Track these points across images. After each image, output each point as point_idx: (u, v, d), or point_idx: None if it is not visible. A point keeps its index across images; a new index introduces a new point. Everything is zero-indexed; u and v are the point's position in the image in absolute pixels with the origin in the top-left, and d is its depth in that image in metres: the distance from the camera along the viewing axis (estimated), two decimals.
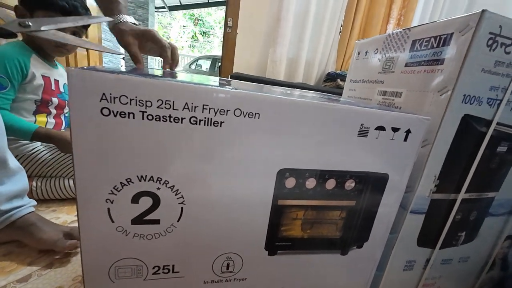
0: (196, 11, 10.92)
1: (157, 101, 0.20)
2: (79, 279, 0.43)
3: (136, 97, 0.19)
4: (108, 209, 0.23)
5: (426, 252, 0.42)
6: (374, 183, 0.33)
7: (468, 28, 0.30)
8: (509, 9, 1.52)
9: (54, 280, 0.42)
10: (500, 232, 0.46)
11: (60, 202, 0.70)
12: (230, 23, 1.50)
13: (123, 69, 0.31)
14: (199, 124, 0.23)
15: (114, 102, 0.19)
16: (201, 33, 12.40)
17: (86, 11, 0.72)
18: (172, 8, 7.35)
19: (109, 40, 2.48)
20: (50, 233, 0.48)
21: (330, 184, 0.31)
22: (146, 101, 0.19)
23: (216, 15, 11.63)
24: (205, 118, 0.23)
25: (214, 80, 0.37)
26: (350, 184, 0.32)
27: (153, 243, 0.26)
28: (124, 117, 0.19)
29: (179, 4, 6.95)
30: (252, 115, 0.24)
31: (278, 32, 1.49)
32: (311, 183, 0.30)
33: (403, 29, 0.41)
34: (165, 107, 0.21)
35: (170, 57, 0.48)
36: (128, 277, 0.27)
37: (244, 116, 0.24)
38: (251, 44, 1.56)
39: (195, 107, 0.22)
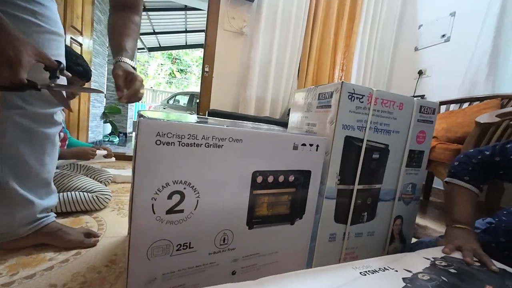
0: (174, 51, 11.58)
1: (187, 135, 0.39)
2: (92, 268, 0.56)
3: (176, 133, 0.38)
4: (152, 204, 0.39)
5: (342, 227, 0.63)
6: (303, 176, 0.54)
7: (338, 90, 0.57)
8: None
9: (72, 269, 0.54)
10: (391, 213, 0.69)
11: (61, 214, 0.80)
12: (207, 69, 1.80)
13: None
14: (209, 147, 0.41)
15: (163, 136, 0.38)
16: (178, 71, 13.00)
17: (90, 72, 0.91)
18: (151, 49, 7.83)
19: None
20: (75, 235, 0.61)
21: (281, 178, 0.51)
22: (181, 135, 0.38)
23: (193, 55, 12.40)
24: (213, 143, 0.42)
25: (214, 120, 0.58)
26: (291, 178, 0.52)
27: (178, 227, 0.41)
28: (168, 145, 0.38)
29: (158, 46, 7.46)
30: (238, 140, 0.44)
31: (248, 77, 1.81)
32: (270, 178, 0.50)
33: (315, 86, 0.67)
34: (191, 138, 0.40)
35: (134, 89, 0.56)
36: (159, 255, 0.41)
37: (234, 141, 0.44)
38: (225, 86, 1.85)
39: (207, 137, 0.41)
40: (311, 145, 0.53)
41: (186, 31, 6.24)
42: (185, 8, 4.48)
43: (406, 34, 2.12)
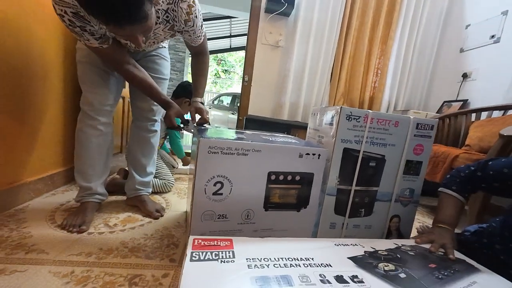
0: (219, 54, 12.34)
1: (226, 147, 0.64)
2: (165, 227, 0.86)
3: (219, 146, 0.63)
4: (205, 188, 0.66)
5: (341, 219, 0.80)
6: (308, 177, 0.74)
7: (337, 112, 0.74)
8: None
9: (154, 227, 0.86)
10: (387, 211, 0.83)
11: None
12: (246, 79, 2.06)
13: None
14: (239, 155, 0.65)
15: (212, 148, 0.63)
16: (223, 71, 13.81)
17: None
18: None
19: None
20: (150, 207, 0.95)
21: (289, 177, 0.72)
22: (222, 147, 0.63)
23: (236, 55, 13.01)
24: (241, 152, 0.65)
25: (246, 133, 0.83)
26: (297, 177, 0.73)
27: (219, 203, 0.66)
28: (215, 153, 0.63)
29: None
30: (258, 151, 0.67)
31: (283, 85, 2.01)
32: (281, 177, 0.71)
33: (324, 107, 0.85)
34: (228, 149, 0.64)
35: (202, 117, 0.93)
36: (207, 220, 0.67)
37: (255, 151, 0.67)
38: (262, 93, 2.09)
39: (238, 148, 0.65)
40: (313, 154, 0.73)
41: (230, 36, 6.70)
42: (230, 16, 4.87)
43: (452, 35, 2.02)
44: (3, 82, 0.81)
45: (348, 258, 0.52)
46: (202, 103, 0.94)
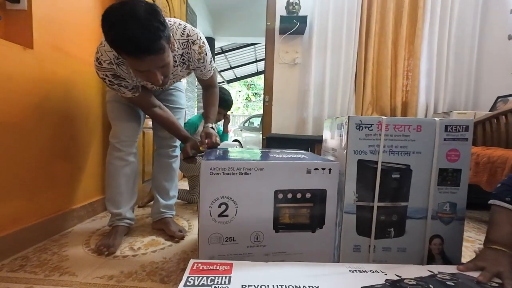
0: (248, 79, 12.98)
1: (227, 168, 0.64)
2: (184, 251, 0.87)
3: (220, 167, 0.64)
4: (210, 210, 0.66)
5: (367, 240, 0.71)
6: (319, 194, 0.69)
7: (346, 122, 0.69)
8: None
9: (173, 250, 0.88)
10: (424, 231, 0.70)
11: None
12: (267, 99, 2.10)
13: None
14: (242, 175, 0.65)
15: (214, 169, 0.64)
16: (253, 94, 14.36)
17: None
18: (229, 81, 9.18)
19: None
20: (174, 229, 0.99)
21: (299, 195, 0.68)
22: (223, 168, 0.64)
23: None
24: (244, 172, 0.65)
25: (247, 152, 0.83)
26: (308, 195, 0.68)
27: (225, 225, 0.65)
28: (216, 174, 0.64)
29: (235, 77, 8.68)
30: (261, 169, 0.66)
31: (304, 100, 1.99)
32: (290, 195, 0.68)
33: (335, 118, 0.80)
34: (230, 169, 0.64)
35: (212, 141, 0.94)
36: (215, 242, 0.66)
37: (258, 170, 0.66)
38: (283, 111, 2.09)
39: (240, 168, 0.64)
40: (323, 169, 0.68)
41: (256, 61, 7.03)
42: (253, 43, 5.16)
43: (495, 22, 1.78)
44: (55, 128, 0.98)
45: (362, 287, 0.45)
46: (213, 128, 0.99)
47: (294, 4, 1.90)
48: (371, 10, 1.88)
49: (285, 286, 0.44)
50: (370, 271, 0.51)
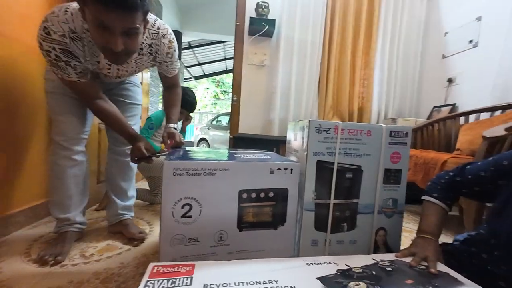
0: (217, 76, 12.76)
1: (191, 168, 0.63)
2: (144, 254, 0.83)
3: (183, 167, 0.63)
4: (172, 212, 0.64)
5: (323, 235, 0.77)
6: (281, 193, 0.72)
7: (307, 126, 0.74)
8: None
9: (132, 254, 0.83)
10: (371, 224, 0.79)
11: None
12: (235, 98, 2.10)
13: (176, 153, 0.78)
14: (206, 175, 0.65)
15: (177, 170, 0.63)
16: (222, 92, 14.18)
17: None
18: (197, 78, 8.91)
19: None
20: (134, 231, 0.94)
21: (262, 194, 0.71)
22: (187, 168, 0.63)
23: None
24: (208, 172, 0.65)
25: (213, 152, 0.83)
26: (271, 194, 0.71)
27: (189, 226, 0.64)
28: (180, 175, 0.62)
29: (203, 74, 8.46)
30: (226, 169, 0.66)
31: (270, 102, 2.05)
32: (253, 195, 0.70)
33: (297, 121, 0.85)
34: (194, 170, 0.64)
35: (176, 141, 0.91)
36: (177, 244, 0.64)
37: (223, 170, 0.66)
38: (251, 111, 2.12)
39: (204, 168, 0.64)
40: (285, 169, 0.71)
41: (225, 59, 6.97)
42: (222, 41, 5.10)
43: (433, 42, 2.07)
44: None
45: (316, 278, 0.49)
46: (175, 128, 0.95)
47: (263, 7, 1.94)
48: (333, 21, 2.02)
49: (246, 282, 0.46)
50: (324, 263, 0.56)
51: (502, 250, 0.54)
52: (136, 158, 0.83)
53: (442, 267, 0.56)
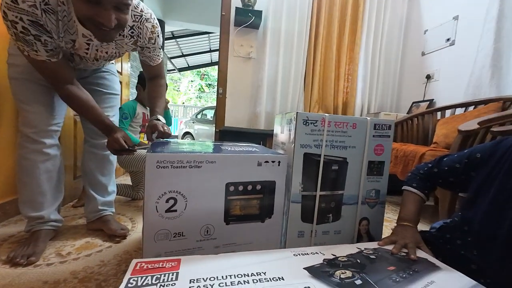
0: (202, 69, 12.45)
1: (176, 161, 0.61)
2: (126, 251, 0.80)
3: (168, 160, 0.60)
4: (156, 206, 0.62)
5: (309, 226, 0.78)
6: (269, 185, 0.72)
7: (294, 118, 0.73)
8: None
9: (113, 252, 0.79)
10: (355, 214, 0.81)
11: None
12: (220, 91, 2.06)
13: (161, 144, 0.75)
14: (192, 168, 0.63)
15: (161, 162, 0.60)
16: (207, 85, 13.88)
17: None
18: (181, 70, 8.63)
19: None
20: (115, 227, 0.90)
21: (249, 187, 0.70)
22: (171, 161, 0.60)
23: None
24: (194, 165, 0.63)
25: (199, 144, 0.80)
26: (258, 186, 0.70)
27: (174, 221, 0.62)
28: (164, 168, 0.60)
29: (187, 66, 8.20)
30: (212, 162, 0.65)
31: (257, 95, 2.03)
32: (240, 187, 0.69)
33: (284, 114, 0.84)
34: (179, 162, 0.61)
35: (160, 131, 0.84)
36: (162, 239, 0.62)
37: (210, 163, 0.64)
38: (237, 104, 2.09)
39: (190, 161, 0.62)
40: (273, 161, 0.71)
41: (210, 51, 6.80)
42: (207, 32, 4.96)
43: (413, 40, 2.14)
44: None
45: (304, 268, 0.49)
46: (159, 119, 0.88)
47: None
48: (320, 15, 2.03)
49: (234, 275, 0.45)
50: (311, 253, 0.56)
51: (474, 236, 0.57)
52: (116, 150, 0.79)
53: (421, 254, 0.58)
